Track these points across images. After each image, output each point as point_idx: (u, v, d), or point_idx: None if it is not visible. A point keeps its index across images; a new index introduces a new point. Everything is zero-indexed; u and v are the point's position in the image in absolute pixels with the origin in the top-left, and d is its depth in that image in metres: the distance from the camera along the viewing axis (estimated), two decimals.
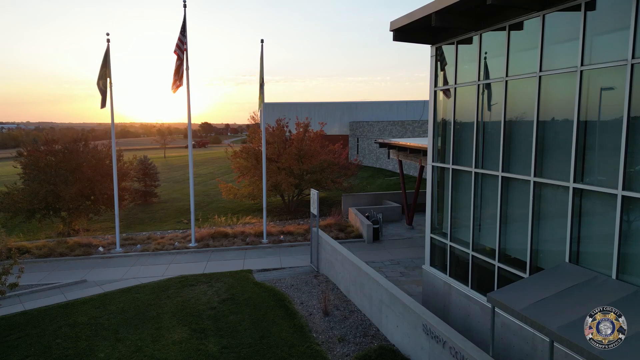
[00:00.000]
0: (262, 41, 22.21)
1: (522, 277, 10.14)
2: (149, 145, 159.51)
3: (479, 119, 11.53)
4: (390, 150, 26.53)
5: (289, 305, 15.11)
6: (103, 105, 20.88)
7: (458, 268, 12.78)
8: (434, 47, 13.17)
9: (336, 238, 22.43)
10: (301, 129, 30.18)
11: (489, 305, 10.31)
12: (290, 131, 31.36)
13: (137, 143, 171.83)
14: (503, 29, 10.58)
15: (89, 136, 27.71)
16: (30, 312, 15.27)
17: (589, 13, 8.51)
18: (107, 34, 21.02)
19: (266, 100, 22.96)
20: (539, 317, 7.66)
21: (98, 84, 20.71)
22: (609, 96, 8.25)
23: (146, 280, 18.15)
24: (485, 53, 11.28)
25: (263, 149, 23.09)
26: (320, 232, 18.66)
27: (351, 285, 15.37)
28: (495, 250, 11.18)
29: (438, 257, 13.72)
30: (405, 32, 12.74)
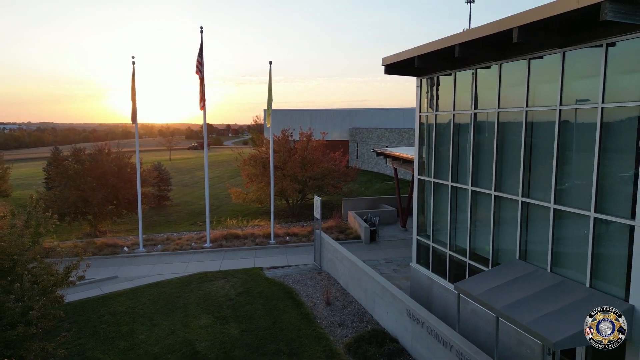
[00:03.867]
0: (270, 63, 24.72)
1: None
2: (152, 147, 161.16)
3: (454, 142, 14.01)
4: (387, 159, 29.02)
5: (296, 297, 17.63)
6: (133, 120, 23.49)
7: (438, 265, 15.27)
8: (419, 79, 15.67)
9: (337, 239, 24.87)
10: (304, 138, 32.73)
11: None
12: (294, 139, 33.89)
13: (140, 144, 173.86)
14: (472, 69, 13.08)
15: (109, 143, 30.23)
16: (74, 303, 17.78)
17: (532, 65, 11.00)
18: (133, 57, 23.55)
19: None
20: (489, 300, 10.17)
21: (132, 96, 23.33)
22: (545, 132, 10.74)
23: (170, 276, 20.64)
24: (475, 83, 13.76)
25: (271, 159, 25.63)
26: (323, 234, 21.15)
27: (350, 280, 17.86)
28: (466, 250, 13.68)
29: (423, 255, 16.22)
30: (394, 67, 15.24)
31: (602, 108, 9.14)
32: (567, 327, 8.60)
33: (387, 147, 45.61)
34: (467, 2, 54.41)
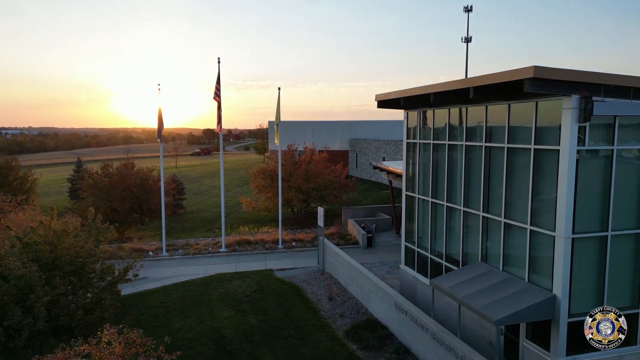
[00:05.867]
0: (279, 89, 28.05)
1: None
2: (157, 153, 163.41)
3: (433, 165, 17.21)
4: (382, 172, 32.24)
5: (303, 294, 20.78)
6: (159, 138, 26.80)
7: (422, 266, 18.43)
8: (406, 112, 18.88)
9: (337, 244, 27.94)
10: (308, 153, 36.02)
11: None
12: (298, 152, 37.17)
13: (143, 150, 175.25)
14: (446, 109, 16.29)
15: (134, 161, 33.48)
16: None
17: (489, 110, 14.20)
18: (159, 84, 26.84)
19: (270, 109, 28.86)
20: (454, 291, 13.36)
21: (159, 119, 26.60)
22: (497, 163, 13.93)
23: (193, 277, 23.78)
24: (448, 120, 16.97)
25: (279, 174, 28.86)
26: (325, 240, 24.32)
27: (349, 280, 21.01)
28: (443, 253, 16.86)
29: (409, 258, 19.38)
30: (385, 103, 18.51)
31: (534, 149, 12.37)
32: (507, 309, 11.78)
33: (384, 158, 48.89)
34: (465, 11, 55.95)
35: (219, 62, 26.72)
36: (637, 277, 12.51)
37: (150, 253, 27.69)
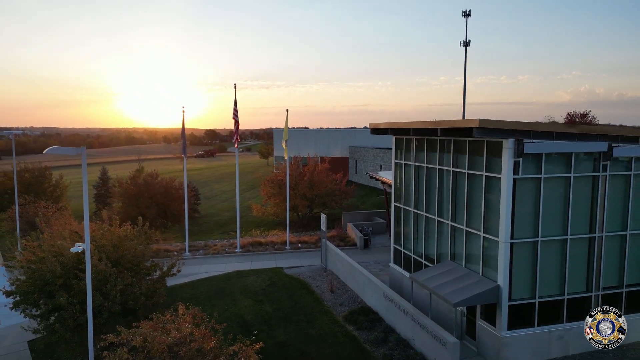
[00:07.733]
0: (287, 110, 32.24)
1: None
2: (161, 155, 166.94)
3: (415, 182, 21.30)
4: (378, 181, 36.35)
5: (309, 287, 24.88)
6: (184, 153, 30.99)
7: (406, 264, 22.54)
8: (394, 137, 22.99)
9: (338, 246, 31.95)
10: (312, 163, 40.21)
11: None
12: (302, 161, 41.35)
13: (147, 151, 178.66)
14: (425, 138, 20.38)
15: (158, 171, 37.61)
16: None
17: (454, 143, 18.27)
18: (183, 107, 30.98)
19: (271, 109, 33.04)
20: (427, 283, 17.48)
21: (182, 137, 30.74)
22: (460, 183, 18.02)
23: (215, 273, 27.89)
24: (425, 146, 21.05)
25: (287, 183, 33.01)
26: (327, 242, 28.41)
27: (347, 276, 25.10)
28: (422, 253, 20.97)
29: (397, 257, 23.49)
30: (377, 130, 22.63)
31: (485, 175, 16.48)
32: (463, 295, 15.90)
33: (381, 166, 52.98)
34: (464, 16, 56.79)
35: (235, 87, 30.91)
36: (563, 271, 16.61)
37: (175, 253, 31.74)
